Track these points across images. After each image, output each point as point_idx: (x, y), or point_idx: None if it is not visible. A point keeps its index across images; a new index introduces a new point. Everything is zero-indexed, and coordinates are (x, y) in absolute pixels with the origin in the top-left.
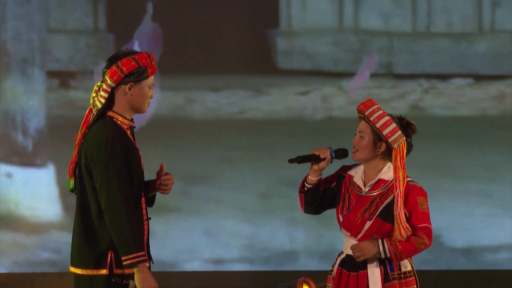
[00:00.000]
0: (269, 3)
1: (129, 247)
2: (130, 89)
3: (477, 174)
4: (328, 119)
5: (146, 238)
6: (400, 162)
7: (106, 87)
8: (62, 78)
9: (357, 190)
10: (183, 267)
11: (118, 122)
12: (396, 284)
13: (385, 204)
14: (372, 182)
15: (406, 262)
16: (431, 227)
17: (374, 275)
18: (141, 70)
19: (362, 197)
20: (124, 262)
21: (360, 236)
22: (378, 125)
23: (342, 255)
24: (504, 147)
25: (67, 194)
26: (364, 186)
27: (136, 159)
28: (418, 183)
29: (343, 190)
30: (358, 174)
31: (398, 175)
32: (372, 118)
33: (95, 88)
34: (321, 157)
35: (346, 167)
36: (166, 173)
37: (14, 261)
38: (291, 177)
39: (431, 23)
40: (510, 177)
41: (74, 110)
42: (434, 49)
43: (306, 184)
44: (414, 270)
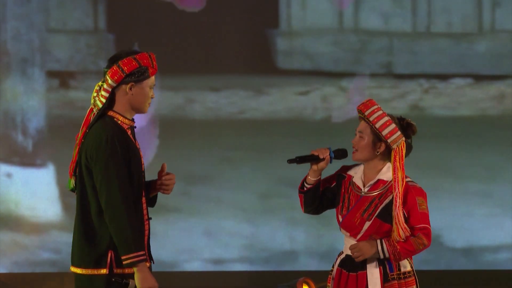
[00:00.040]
0: (269, 3)
1: (129, 247)
2: (131, 89)
3: (477, 174)
4: (328, 119)
5: (147, 238)
6: (399, 162)
7: (107, 87)
8: (62, 78)
9: (356, 190)
10: (183, 267)
11: (119, 122)
12: (395, 284)
13: (384, 204)
14: (371, 182)
15: (406, 262)
16: (430, 228)
17: (374, 276)
18: (142, 70)
19: (361, 197)
20: (124, 262)
21: (359, 236)
22: (378, 125)
23: (342, 255)
24: (504, 147)
25: (67, 194)
26: (363, 187)
27: (136, 159)
28: (417, 184)
29: (343, 190)
30: (357, 174)
31: (397, 176)
32: (371, 118)
33: (96, 87)
34: (320, 157)
35: (346, 167)
36: (167, 173)
37: (14, 261)
38: (291, 177)
39: (431, 23)
40: (510, 177)
41: (74, 110)
42: (434, 49)
43: (305, 184)
44: (413, 270)
